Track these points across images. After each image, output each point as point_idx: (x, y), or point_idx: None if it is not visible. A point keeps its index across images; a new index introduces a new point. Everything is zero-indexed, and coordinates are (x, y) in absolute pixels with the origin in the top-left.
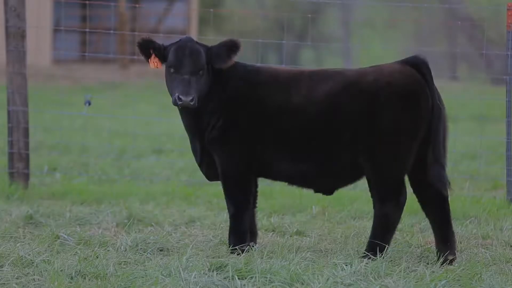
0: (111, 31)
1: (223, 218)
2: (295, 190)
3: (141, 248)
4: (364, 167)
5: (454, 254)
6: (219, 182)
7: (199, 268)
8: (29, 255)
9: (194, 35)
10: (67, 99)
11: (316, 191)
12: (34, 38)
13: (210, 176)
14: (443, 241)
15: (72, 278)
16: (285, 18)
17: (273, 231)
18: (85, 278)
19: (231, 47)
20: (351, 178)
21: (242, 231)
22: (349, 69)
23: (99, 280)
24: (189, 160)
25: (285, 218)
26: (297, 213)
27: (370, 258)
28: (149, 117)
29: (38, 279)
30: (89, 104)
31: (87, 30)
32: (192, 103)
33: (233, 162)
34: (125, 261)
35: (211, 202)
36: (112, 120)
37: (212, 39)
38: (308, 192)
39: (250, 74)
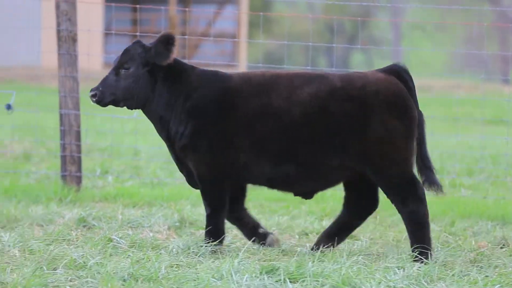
0: None
1: (275, 221)
2: None
3: (193, 251)
4: (368, 173)
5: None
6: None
7: (250, 271)
8: (82, 257)
9: (243, 38)
10: None
11: (296, 194)
12: (86, 41)
13: (193, 183)
14: (329, 237)
15: (124, 280)
16: (335, 21)
17: None
18: (137, 280)
19: (167, 41)
20: (334, 182)
21: (216, 231)
22: (331, 73)
23: (152, 282)
24: None
25: None
26: None
27: (422, 261)
28: None
29: (91, 281)
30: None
31: (138, 33)
32: (94, 99)
33: (205, 167)
34: (177, 264)
35: (262, 206)
36: None
37: (262, 42)
38: None
39: (221, 80)
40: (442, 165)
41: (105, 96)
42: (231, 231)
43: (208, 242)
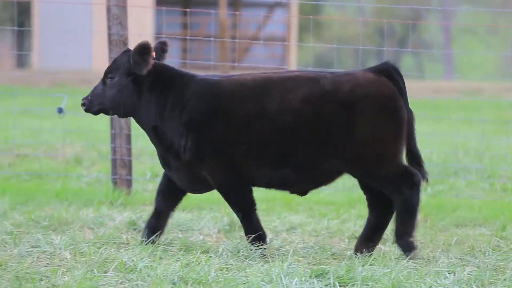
0: (212, 38)
1: (324, 225)
2: None
3: (242, 255)
4: (357, 176)
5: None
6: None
7: (300, 274)
8: (132, 260)
9: (293, 41)
10: None
11: (292, 193)
12: None
13: (195, 190)
14: (366, 241)
15: (174, 283)
16: (385, 25)
17: None
18: (187, 284)
19: (142, 50)
20: (328, 182)
21: (257, 232)
22: (321, 74)
23: (201, 286)
24: None
25: None
26: None
27: (404, 248)
28: None
29: (141, 284)
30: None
31: (188, 37)
32: (83, 107)
33: (221, 175)
34: (226, 267)
35: (312, 209)
36: None
37: (312, 45)
38: None
39: (212, 88)
40: (493, 168)
41: (93, 105)
42: (281, 235)
43: (257, 245)
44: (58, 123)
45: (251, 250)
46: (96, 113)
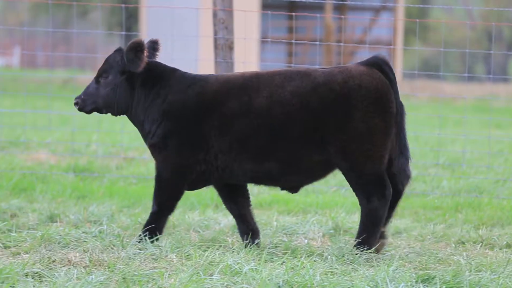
0: (317, 42)
1: (430, 229)
2: (504, 202)
3: (347, 259)
4: (341, 168)
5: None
6: (415, 193)
7: (406, 279)
8: (237, 263)
9: (399, 45)
10: None
11: (282, 189)
12: (242, 49)
13: None
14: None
15: (279, 287)
16: (494, 28)
17: (481, 243)
18: (292, 287)
19: (136, 48)
20: (319, 177)
21: (156, 229)
22: (313, 68)
23: None
24: None
25: (494, 230)
26: (506, 226)
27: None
28: None
29: (246, 287)
30: None
31: (294, 41)
32: (76, 107)
33: (168, 167)
34: (331, 271)
35: (417, 214)
36: None
37: (418, 49)
38: None
39: (197, 83)
40: None
41: (86, 104)
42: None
43: (143, 237)
44: None
45: (356, 254)
46: (89, 112)
